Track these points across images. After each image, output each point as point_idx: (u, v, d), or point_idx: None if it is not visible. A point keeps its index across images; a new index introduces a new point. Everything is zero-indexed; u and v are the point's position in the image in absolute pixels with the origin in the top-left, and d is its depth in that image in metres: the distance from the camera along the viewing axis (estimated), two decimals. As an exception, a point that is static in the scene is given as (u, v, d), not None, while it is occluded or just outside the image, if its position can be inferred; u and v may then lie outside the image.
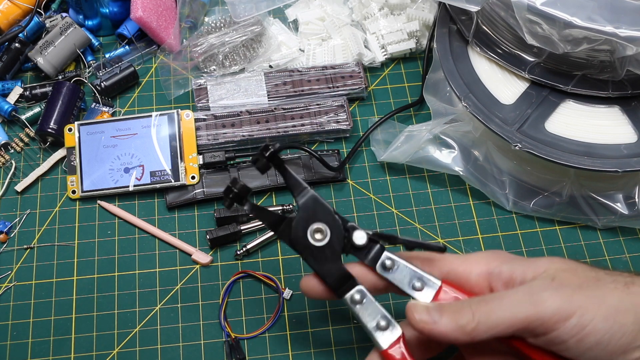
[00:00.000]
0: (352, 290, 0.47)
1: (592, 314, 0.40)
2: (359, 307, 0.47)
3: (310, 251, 0.48)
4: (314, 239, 0.48)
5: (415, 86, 0.79)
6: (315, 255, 0.48)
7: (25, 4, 0.79)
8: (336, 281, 0.48)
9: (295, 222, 0.49)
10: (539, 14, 0.57)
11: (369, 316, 0.47)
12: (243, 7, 0.77)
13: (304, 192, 0.49)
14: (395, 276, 0.47)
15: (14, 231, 0.69)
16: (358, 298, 0.47)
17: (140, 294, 0.65)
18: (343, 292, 0.47)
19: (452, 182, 0.71)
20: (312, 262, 0.48)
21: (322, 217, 0.48)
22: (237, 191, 0.48)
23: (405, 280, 0.47)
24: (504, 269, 0.46)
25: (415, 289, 0.46)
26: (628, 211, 0.66)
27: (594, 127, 0.63)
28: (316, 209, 0.49)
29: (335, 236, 0.48)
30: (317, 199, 0.49)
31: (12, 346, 0.63)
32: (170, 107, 0.77)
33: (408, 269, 0.47)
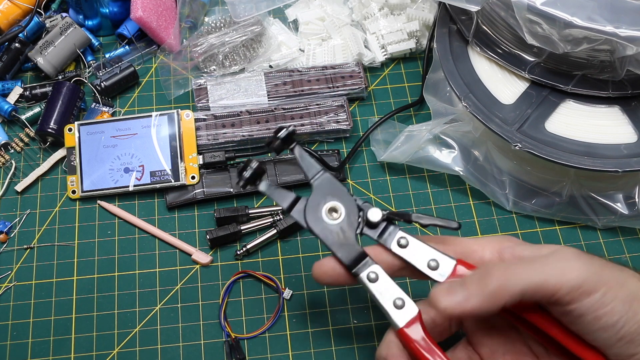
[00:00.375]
0: (368, 269, 0.47)
1: (614, 293, 0.40)
2: (375, 286, 0.47)
3: (326, 230, 0.48)
4: (329, 217, 0.48)
5: (415, 86, 0.78)
6: (331, 233, 0.48)
7: (25, 4, 0.79)
8: (352, 261, 0.47)
9: (309, 201, 0.49)
10: (539, 14, 0.57)
11: (385, 294, 0.46)
12: (243, 7, 0.77)
13: (318, 174, 0.49)
14: (410, 254, 0.47)
15: (14, 231, 0.69)
16: (374, 277, 0.47)
17: (140, 294, 0.65)
18: (358, 272, 0.47)
19: (452, 182, 0.71)
20: (328, 241, 0.48)
21: (337, 196, 0.48)
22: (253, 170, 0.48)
23: (420, 259, 0.47)
24: (516, 248, 0.46)
25: (430, 267, 0.46)
26: (628, 211, 0.66)
27: (594, 127, 0.63)
28: (331, 189, 0.49)
29: (350, 214, 0.48)
30: (332, 180, 0.49)
31: (12, 346, 0.63)
32: (170, 107, 0.77)
33: (423, 248, 0.47)
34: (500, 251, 0.46)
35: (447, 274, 0.46)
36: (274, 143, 0.50)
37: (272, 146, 0.50)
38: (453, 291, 0.42)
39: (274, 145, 0.50)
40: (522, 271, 0.41)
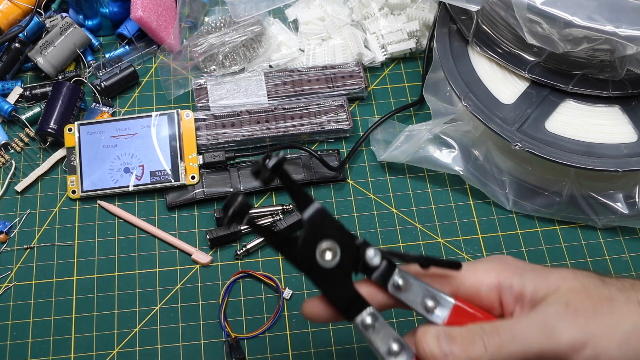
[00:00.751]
0: (363, 313, 0.43)
1: (606, 342, 0.40)
2: (371, 332, 0.43)
3: (319, 272, 0.43)
4: (324, 259, 0.43)
5: (415, 86, 0.78)
6: (325, 276, 0.43)
7: (25, 4, 0.79)
8: (346, 304, 0.44)
9: (301, 240, 0.43)
10: (539, 14, 0.57)
11: (381, 340, 0.43)
12: (243, 7, 0.77)
13: (310, 206, 0.43)
14: (408, 296, 0.44)
15: (14, 231, 0.69)
16: (369, 322, 0.43)
17: (140, 294, 0.65)
18: (353, 315, 0.44)
19: (452, 181, 0.71)
20: (321, 285, 0.44)
21: (331, 234, 0.43)
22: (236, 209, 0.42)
23: (417, 300, 0.43)
24: (514, 283, 0.44)
25: (427, 309, 0.43)
26: (628, 211, 0.66)
27: (594, 127, 0.63)
28: (324, 225, 0.43)
29: (346, 255, 0.43)
30: (325, 213, 0.44)
31: (12, 346, 0.63)
32: (170, 107, 0.77)
33: (421, 288, 0.44)
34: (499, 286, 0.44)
35: (444, 317, 0.43)
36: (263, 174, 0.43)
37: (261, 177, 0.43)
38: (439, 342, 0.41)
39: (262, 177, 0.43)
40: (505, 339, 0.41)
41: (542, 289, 0.43)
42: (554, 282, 0.43)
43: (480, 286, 0.44)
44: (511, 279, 0.44)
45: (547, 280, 0.43)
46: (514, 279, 0.44)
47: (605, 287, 0.42)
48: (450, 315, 0.43)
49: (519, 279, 0.44)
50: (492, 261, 0.46)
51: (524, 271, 0.44)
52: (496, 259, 0.46)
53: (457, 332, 0.42)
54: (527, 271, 0.44)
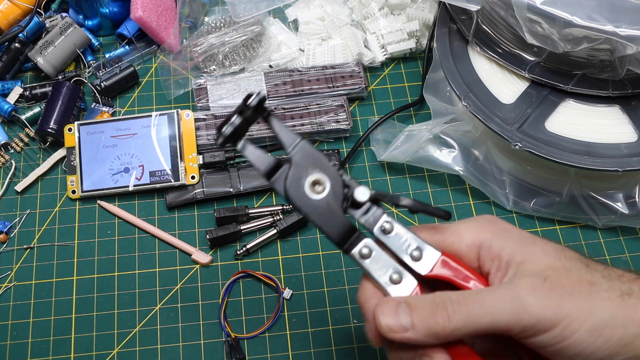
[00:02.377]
0: (359, 244, 0.43)
1: (577, 325, 0.38)
2: (368, 262, 0.43)
3: (310, 205, 0.43)
4: (313, 191, 0.43)
5: (415, 86, 0.78)
6: (315, 208, 0.43)
7: (25, 4, 0.79)
8: (342, 237, 0.43)
9: (291, 172, 0.43)
10: (539, 13, 0.57)
11: (380, 270, 0.43)
12: (243, 7, 0.77)
13: (296, 143, 0.43)
14: (393, 241, 0.43)
15: (14, 231, 0.69)
16: (366, 252, 0.43)
17: (140, 294, 0.65)
18: (349, 248, 0.43)
19: (452, 181, 0.71)
20: (314, 217, 0.43)
21: (320, 168, 0.43)
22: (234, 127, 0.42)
23: (403, 247, 0.43)
24: (494, 244, 0.42)
25: (413, 257, 0.42)
26: (628, 211, 0.66)
27: (594, 127, 0.63)
28: (313, 160, 0.43)
29: (335, 188, 0.43)
30: (313, 150, 0.43)
31: (12, 346, 0.63)
32: (170, 107, 0.77)
33: (408, 235, 0.43)
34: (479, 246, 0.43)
35: (429, 267, 0.42)
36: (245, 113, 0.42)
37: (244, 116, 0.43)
38: (397, 313, 0.40)
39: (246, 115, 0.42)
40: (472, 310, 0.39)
41: (520, 256, 0.41)
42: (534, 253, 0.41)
43: (461, 244, 0.44)
44: (491, 239, 0.43)
45: (527, 249, 0.42)
46: (495, 240, 0.43)
47: (589, 271, 0.41)
48: (435, 266, 0.42)
49: (500, 240, 0.43)
50: (477, 221, 0.45)
51: (505, 234, 0.43)
52: (483, 219, 0.45)
53: (419, 302, 0.40)
54: (508, 235, 0.43)
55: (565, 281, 0.40)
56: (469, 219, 0.45)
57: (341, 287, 0.65)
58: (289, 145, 0.43)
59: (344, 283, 0.66)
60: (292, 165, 0.43)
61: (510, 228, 0.44)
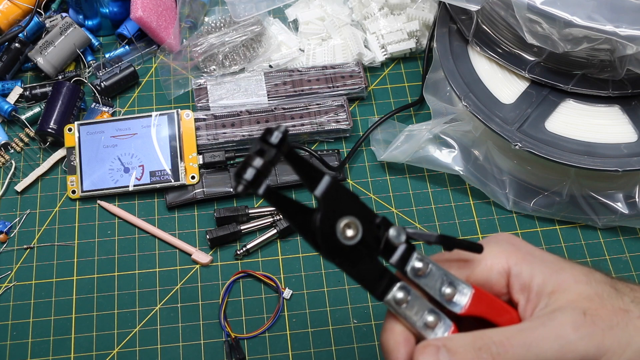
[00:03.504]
0: (394, 289, 0.40)
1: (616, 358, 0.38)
2: (405, 307, 0.40)
3: (342, 251, 0.39)
4: (345, 236, 0.38)
5: (415, 86, 0.78)
6: (348, 255, 0.39)
7: (25, 4, 0.79)
8: (374, 282, 0.40)
9: (319, 219, 0.38)
10: (539, 13, 0.57)
11: (416, 315, 0.40)
12: (243, 7, 0.77)
13: (321, 181, 0.38)
14: (427, 282, 0.40)
15: (14, 231, 0.69)
16: (401, 296, 0.40)
17: (140, 294, 0.65)
18: (383, 292, 0.40)
19: (452, 181, 0.71)
20: (346, 266, 0.39)
21: (350, 209, 0.39)
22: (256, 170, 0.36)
23: (436, 286, 0.40)
24: (523, 271, 0.41)
25: (447, 296, 0.40)
26: (628, 211, 0.66)
27: (594, 127, 0.63)
28: (340, 199, 0.39)
29: (367, 230, 0.39)
30: (340, 186, 0.39)
31: (12, 346, 0.63)
32: (170, 107, 0.77)
33: (439, 273, 0.41)
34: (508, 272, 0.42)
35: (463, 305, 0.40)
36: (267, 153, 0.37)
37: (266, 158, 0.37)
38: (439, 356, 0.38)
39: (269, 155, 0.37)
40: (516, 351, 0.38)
41: (551, 285, 0.40)
42: (565, 281, 0.40)
43: (491, 272, 0.42)
44: (520, 265, 0.42)
45: (557, 277, 0.41)
46: (523, 266, 0.41)
47: (619, 296, 0.40)
48: (470, 303, 0.40)
49: (528, 267, 0.41)
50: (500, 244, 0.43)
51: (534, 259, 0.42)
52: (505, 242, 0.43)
53: (460, 346, 0.39)
54: (538, 261, 0.42)
55: (602, 312, 0.39)
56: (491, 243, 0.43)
57: (341, 287, 0.65)
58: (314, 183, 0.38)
59: (344, 283, 0.66)
60: (320, 209, 0.38)
61: (535, 252, 0.43)
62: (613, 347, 0.38)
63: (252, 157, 0.37)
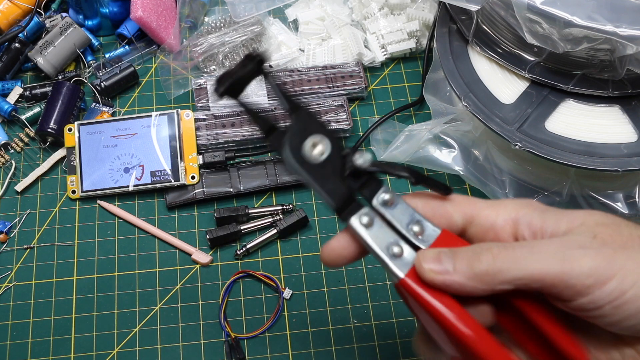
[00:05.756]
0: (360, 212, 0.40)
1: (635, 277, 0.35)
2: (369, 232, 0.40)
3: (308, 165, 0.41)
4: (313, 152, 0.41)
5: (415, 86, 0.78)
6: (314, 170, 0.41)
7: (25, 4, 0.79)
8: (341, 201, 0.41)
9: (289, 133, 0.41)
10: (539, 13, 0.57)
11: (381, 241, 0.40)
12: (243, 7, 0.77)
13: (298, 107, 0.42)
14: (394, 213, 0.41)
15: (14, 231, 0.69)
16: (366, 221, 0.40)
17: (140, 293, 0.65)
18: (349, 215, 0.41)
19: (452, 181, 0.71)
20: (311, 178, 0.41)
21: (319, 131, 0.41)
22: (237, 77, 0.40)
23: (404, 221, 0.40)
24: (534, 218, 0.39)
25: (413, 232, 0.40)
26: (628, 211, 0.66)
27: (594, 127, 0.63)
28: (311, 124, 0.41)
29: (334, 152, 0.41)
30: (312, 115, 0.42)
31: (12, 346, 0.63)
32: (170, 107, 0.77)
33: (408, 209, 0.41)
34: (516, 220, 0.40)
35: (429, 242, 0.40)
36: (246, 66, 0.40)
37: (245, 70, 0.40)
38: (440, 259, 0.38)
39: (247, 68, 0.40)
40: (518, 257, 0.36)
41: (565, 224, 0.38)
42: (579, 217, 0.38)
43: (497, 217, 0.40)
44: (531, 214, 0.40)
45: (571, 216, 0.39)
46: (534, 214, 0.40)
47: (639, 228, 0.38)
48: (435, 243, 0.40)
49: (540, 215, 0.40)
50: (514, 200, 0.42)
51: (546, 209, 0.40)
52: (520, 199, 0.42)
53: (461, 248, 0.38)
54: (550, 210, 0.40)
55: (617, 236, 0.37)
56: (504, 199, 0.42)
57: (341, 287, 0.65)
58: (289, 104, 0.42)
59: (344, 283, 0.66)
60: (292, 125, 0.41)
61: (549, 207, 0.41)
62: (628, 265, 0.35)
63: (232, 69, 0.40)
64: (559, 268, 0.35)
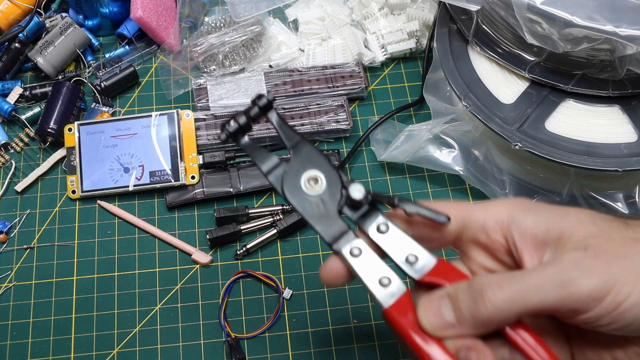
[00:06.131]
0: (350, 244, 0.42)
1: (630, 287, 0.35)
2: (357, 261, 0.41)
3: (304, 201, 0.43)
4: (309, 187, 0.43)
5: (415, 86, 0.78)
6: (310, 205, 0.43)
7: (25, 4, 0.79)
8: (333, 236, 0.42)
9: (288, 167, 0.43)
10: (539, 13, 0.57)
11: (369, 272, 0.41)
12: (243, 7, 0.77)
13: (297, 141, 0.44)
14: (388, 243, 0.42)
15: (14, 231, 0.69)
16: (357, 252, 0.42)
17: (140, 293, 0.65)
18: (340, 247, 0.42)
19: (452, 181, 0.71)
20: (306, 213, 0.43)
21: (318, 166, 0.43)
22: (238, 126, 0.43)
23: (399, 250, 0.41)
24: (525, 220, 0.40)
25: (408, 261, 0.41)
26: (628, 211, 0.66)
27: (594, 127, 0.63)
28: (312, 157, 0.44)
29: (331, 186, 0.43)
30: (313, 148, 0.44)
31: (12, 346, 0.63)
32: (170, 107, 0.77)
33: (404, 239, 0.42)
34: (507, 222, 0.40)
35: (424, 272, 0.40)
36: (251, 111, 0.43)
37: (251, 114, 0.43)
38: (440, 312, 0.38)
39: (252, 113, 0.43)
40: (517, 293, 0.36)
41: (556, 232, 0.39)
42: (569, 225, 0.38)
43: (487, 220, 0.41)
44: (522, 215, 0.40)
45: (561, 222, 0.39)
46: (525, 216, 0.40)
47: (630, 228, 0.38)
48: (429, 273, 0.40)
49: (531, 216, 0.40)
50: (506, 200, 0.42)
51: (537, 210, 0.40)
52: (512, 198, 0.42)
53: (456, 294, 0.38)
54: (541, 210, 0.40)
55: (608, 245, 0.37)
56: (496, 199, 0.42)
57: (341, 287, 0.65)
58: (289, 142, 0.44)
59: (344, 283, 0.66)
60: (291, 161, 0.44)
61: (538, 204, 0.41)
62: (623, 276, 0.36)
63: (239, 114, 0.43)
64: (558, 295, 0.36)
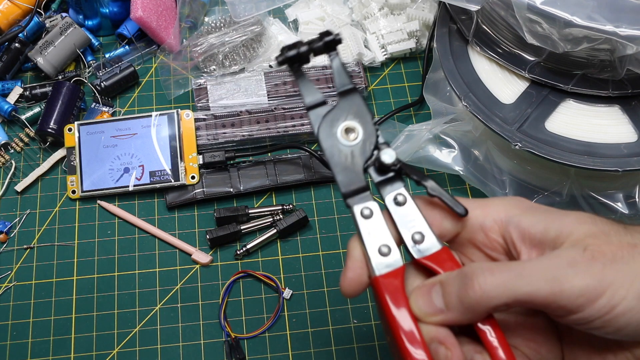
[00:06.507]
0: (363, 204, 0.41)
1: (624, 291, 0.35)
2: (365, 223, 0.41)
3: (335, 147, 0.42)
4: (344, 135, 0.42)
5: (415, 86, 0.78)
6: (339, 153, 0.42)
7: (25, 4, 0.79)
8: (351, 190, 0.42)
9: (330, 112, 0.43)
10: (539, 13, 0.57)
11: (373, 237, 0.41)
12: (243, 7, 0.77)
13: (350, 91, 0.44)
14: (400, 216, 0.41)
15: (14, 231, 0.69)
16: (367, 213, 0.41)
17: (140, 293, 0.65)
18: (352, 203, 0.42)
19: (452, 181, 0.71)
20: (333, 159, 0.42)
21: (360, 119, 0.42)
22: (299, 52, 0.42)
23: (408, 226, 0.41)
24: (523, 220, 0.39)
25: (413, 239, 0.41)
26: (628, 211, 0.66)
27: (594, 127, 0.63)
28: (357, 109, 0.43)
29: (366, 143, 0.42)
30: (362, 102, 0.43)
31: (12, 346, 0.63)
32: (170, 107, 0.77)
33: (417, 216, 0.41)
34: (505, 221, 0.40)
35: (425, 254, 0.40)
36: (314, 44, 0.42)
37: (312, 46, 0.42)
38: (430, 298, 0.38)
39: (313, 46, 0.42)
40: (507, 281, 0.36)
41: (554, 230, 0.38)
42: (569, 224, 0.38)
43: (485, 219, 0.41)
44: (520, 215, 0.40)
45: (560, 222, 0.38)
46: (524, 216, 0.40)
47: (628, 233, 0.38)
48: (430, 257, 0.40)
49: (530, 216, 0.40)
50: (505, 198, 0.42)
51: (536, 211, 0.40)
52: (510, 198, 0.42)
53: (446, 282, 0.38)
54: (540, 211, 0.40)
55: (606, 247, 0.37)
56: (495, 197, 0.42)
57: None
58: (341, 87, 0.44)
59: (344, 283, 0.66)
60: (335, 106, 0.43)
61: (537, 205, 0.41)
62: (617, 280, 0.35)
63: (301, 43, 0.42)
64: (549, 290, 0.35)
